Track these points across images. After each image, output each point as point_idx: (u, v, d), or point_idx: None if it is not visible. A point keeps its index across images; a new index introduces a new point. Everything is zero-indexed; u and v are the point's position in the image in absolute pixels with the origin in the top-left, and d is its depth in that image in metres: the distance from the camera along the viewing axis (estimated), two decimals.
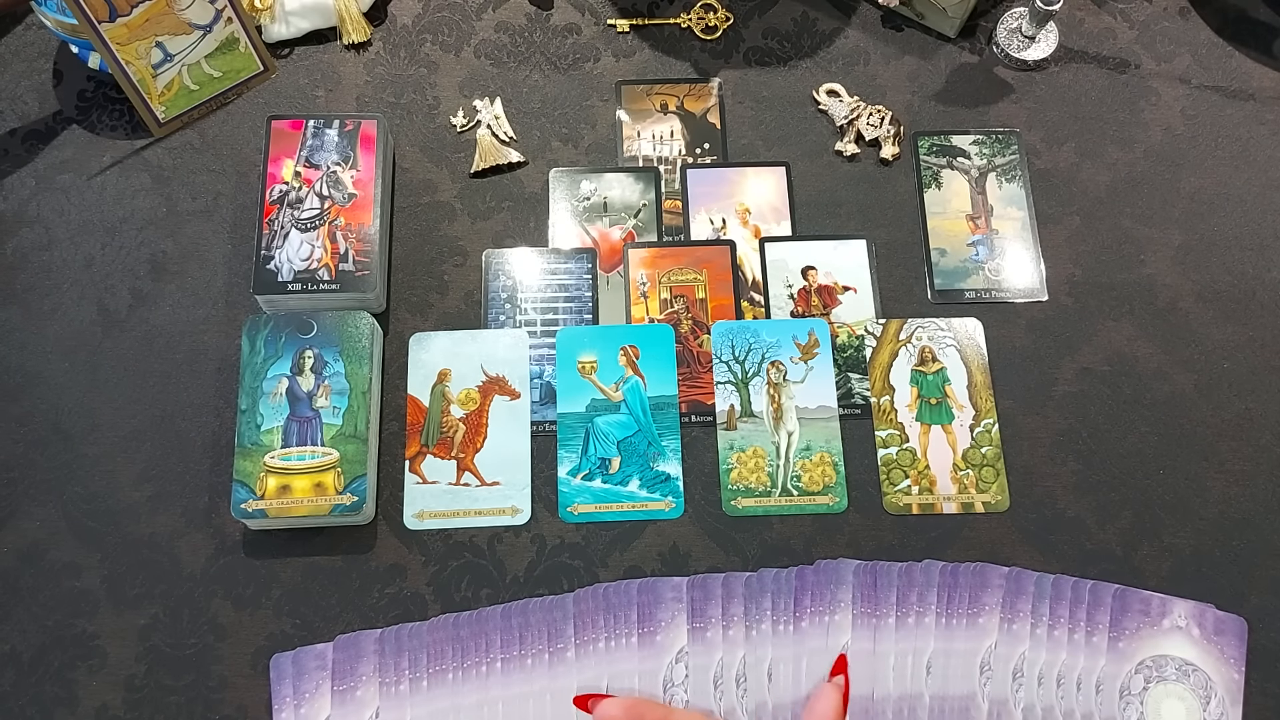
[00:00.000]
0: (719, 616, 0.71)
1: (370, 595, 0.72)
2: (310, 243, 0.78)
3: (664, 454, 0.77)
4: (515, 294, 0.81)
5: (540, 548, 0.74)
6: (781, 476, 0.76)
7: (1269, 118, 0.89)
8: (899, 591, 0.71)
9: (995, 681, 0.69)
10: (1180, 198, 0.86)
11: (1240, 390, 0.79)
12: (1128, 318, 0.81)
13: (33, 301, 0.80)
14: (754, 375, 0.79)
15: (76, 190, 0.84)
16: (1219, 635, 0.71)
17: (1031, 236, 0.84)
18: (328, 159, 0.80)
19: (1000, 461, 0.77)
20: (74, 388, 0.78)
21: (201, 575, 0.73)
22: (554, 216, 0.84)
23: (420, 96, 0.88)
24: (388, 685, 0.69)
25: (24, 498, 0.74)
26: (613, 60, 0.90)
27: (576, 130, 0.87)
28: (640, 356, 0.79)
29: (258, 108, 0.87)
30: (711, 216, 0.85)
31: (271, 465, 0.72)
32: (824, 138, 0.88)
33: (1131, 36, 0.92)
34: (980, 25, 0.92)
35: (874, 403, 0.78)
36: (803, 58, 0.90)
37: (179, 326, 0.80)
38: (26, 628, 0.71)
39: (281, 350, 0.75)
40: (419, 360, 0.79)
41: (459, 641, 0.70)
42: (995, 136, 0.87)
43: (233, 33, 0.85)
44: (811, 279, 0.82)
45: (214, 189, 0.84)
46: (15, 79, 0.88)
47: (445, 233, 0.83)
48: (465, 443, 0.77)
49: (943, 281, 0.83)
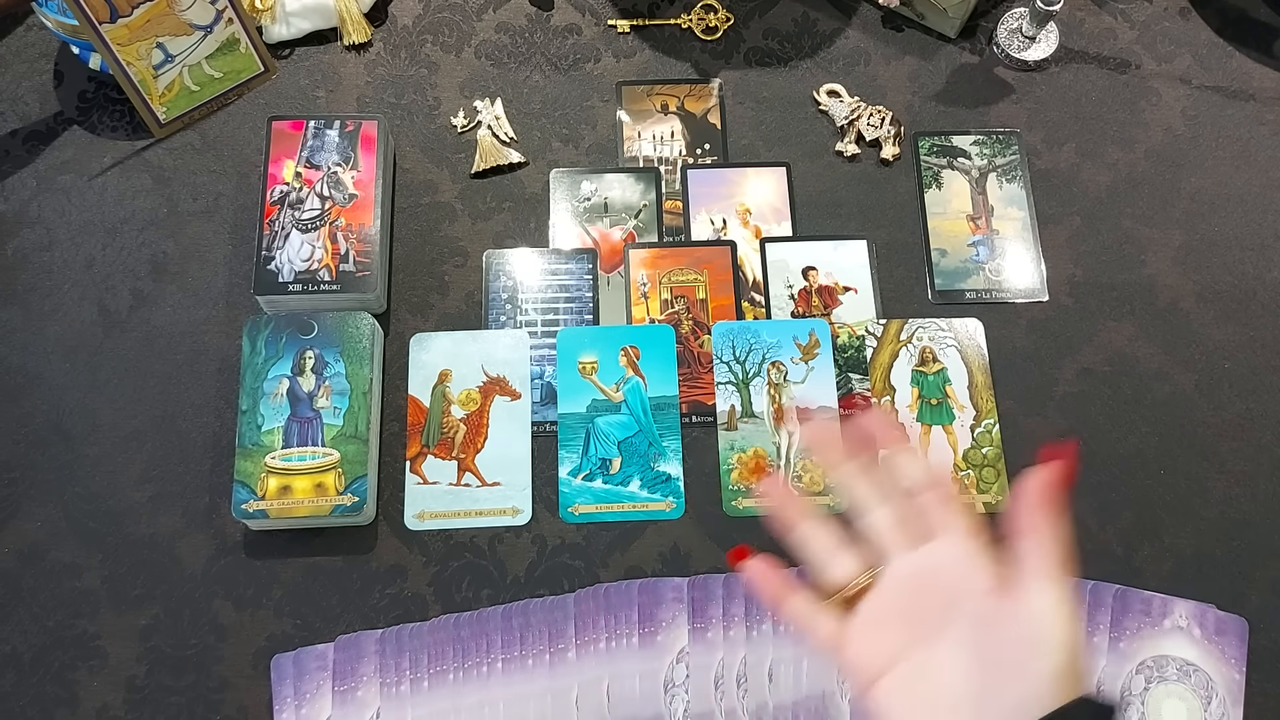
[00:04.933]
0: (720, 617, 0.71)
1: (371, 596, 0.72)
2: (311, 243, 0.78)
3: (665, 454, 0.77)
4: (516, 294, 0.81)
5: (541, 548, 0.74)
6: (782, 477, 0.76)
7: (1269, 118, 0.89)
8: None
9: None
10: (1181, 198, 0.86)
11: (1241, 390, 0.79)
12: (1128, 318, 0.81)
13: (34, 302, 0.80)
14: (755, 375, 0.79)
15: (77, 191, 0.84)
16: (1220, 635, 0.71)
17: (1032, 237, 0.84)
18: (328, 160, 0.80)
19: (1001, 462, 0.77)
20: (75, 388, 0.78)
21: (202, 576, 0.73)
22: (555, 217, 0.84)
23: (421, 97, 0.88)
24: (388, 686, 0.69)
25: (25, 498, 0.74)
26: (613, 61, 0.90)
27: (577, 131, 0.87)
28: (641, 357, 0.79)
29: (258, 108, 0.87)
30: (712, 217, 0.85)
31: (272, 466, 0.72)
32: (824, 138, 0.88)
33: (1132, 37, 0.92)
34: (980, 25, 0.92)
35: (875, 403, 0.78)
36: (803, 58, 0.90)
37: (180, 327, 0.80)
38: (27, 628, 0.71)
39: (282, 351, 0.75)
40: (420, 361, 0.79)
41: (460, 642, 0.70)
42: (996, 137, 0.87)
43: (233, 33, 0.85)
44: (812, 279, 0.82)
45: (215, 190, 0.84)
46: (16, 80, 0.88)
47: (446, 233, 0.83)
48: (466, 443, 0.77)
49: (943, 282, 0.83)
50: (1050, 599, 0.42)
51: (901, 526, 0.47)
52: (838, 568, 0.48)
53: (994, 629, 0.43)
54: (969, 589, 0.44)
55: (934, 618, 0.45)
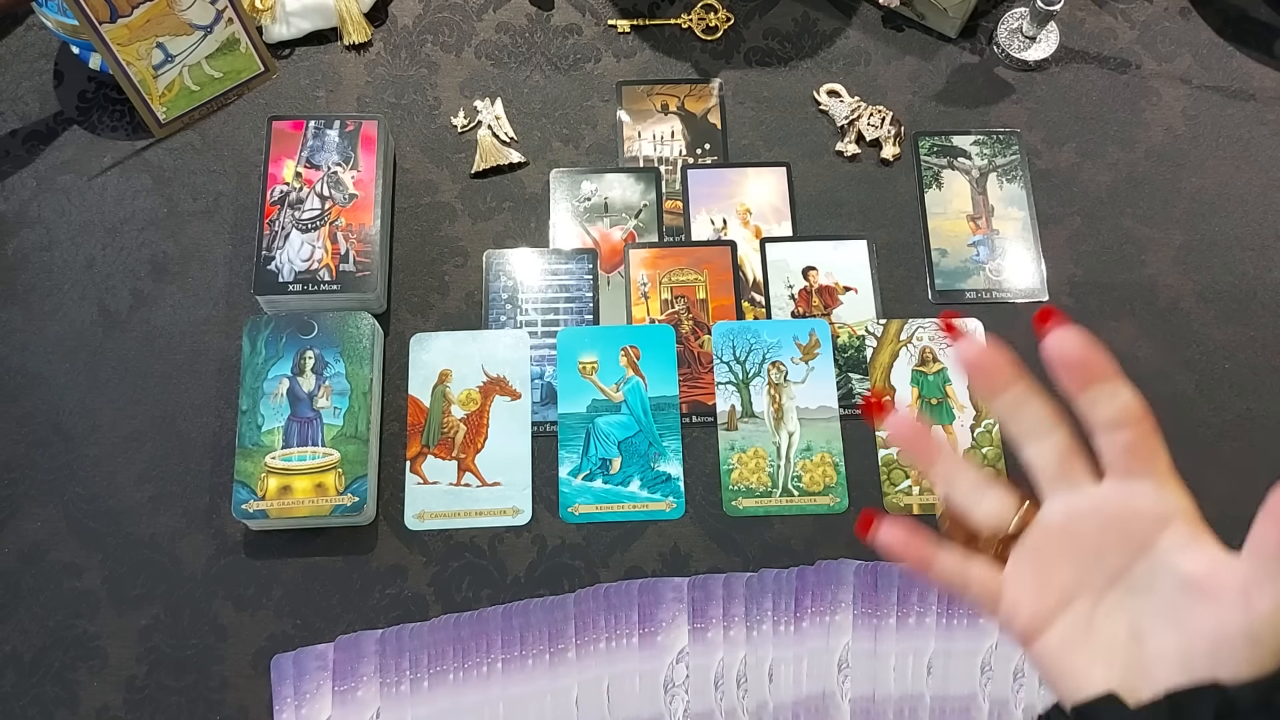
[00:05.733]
0: (720, 617, 0.71)
1: (371, 596, 0.72)
2: (311, 243, 0.78)
3: (665, 454, 0.77)
4: (516, 294, 0.81)
5: (541, 548, 0.74)
6: (782, 477, 0.76)
7: (1270, 118, 0.89)
8: (899, 592, 0.71)
9: (996, 682, 0.69)
10: (1181, 198, 0.86)
11: (1241, 390, 0.79)
12: (1129, 318, 0.81)
13: (34, 302, 0.80)
14: (755, 376, 0.79)
15: (77, 191, 0.84)
16: None
17: (1032, 237, 0.84)
18: (328, 159, 0.80)
19: (1001, 462, 0.77)
20: (75, 388, 0.78)
21: (202, 576, 0.73)
22: (555, 217, 0.84)
23: (421, 97, 0.88)
24: (389, 686, 0.69)
25: (25, 498, 0.74)
26: (613, 61, 0.90)
27: (577, 131, 0.87)
28: (641, 357, 0.79)
29: (258, 108, 0.87)
30: (712, 217, 0.85)
31: (272, 466, 0.72)
32: (825, 138, 0.88)
33: (1132, 37, 0.92)
34: (981, 25, 0.92)
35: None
36: (803, 58, 0.90)
37: (180, 327, 0.80)
38: (27, 628, 0.71)
39: (282, 351, 0.75)
40: (420, 361, 0.79)
41: (460, 642, 0.70)
42: (996, 137, 0.87)
43: (233, 33, 0.85)
44: (812, 279, 0.82)
45: (215, 190, 0.84)
46: (16, 80, 0.88)
47: (446, 233, 0.83)
48: (466, 443, 0.77)
49: (943, 282, 0.83)
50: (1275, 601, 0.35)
51: (1075, 459, 0.40)
52: (988, 504, 0.41)
53: (1205, 600, 0.37)
54: (1169, 538, 0.38)
55: (1114, 559, 0.39)
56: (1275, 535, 0.35)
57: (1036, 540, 0.41)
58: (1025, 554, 0.41)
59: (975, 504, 0.42)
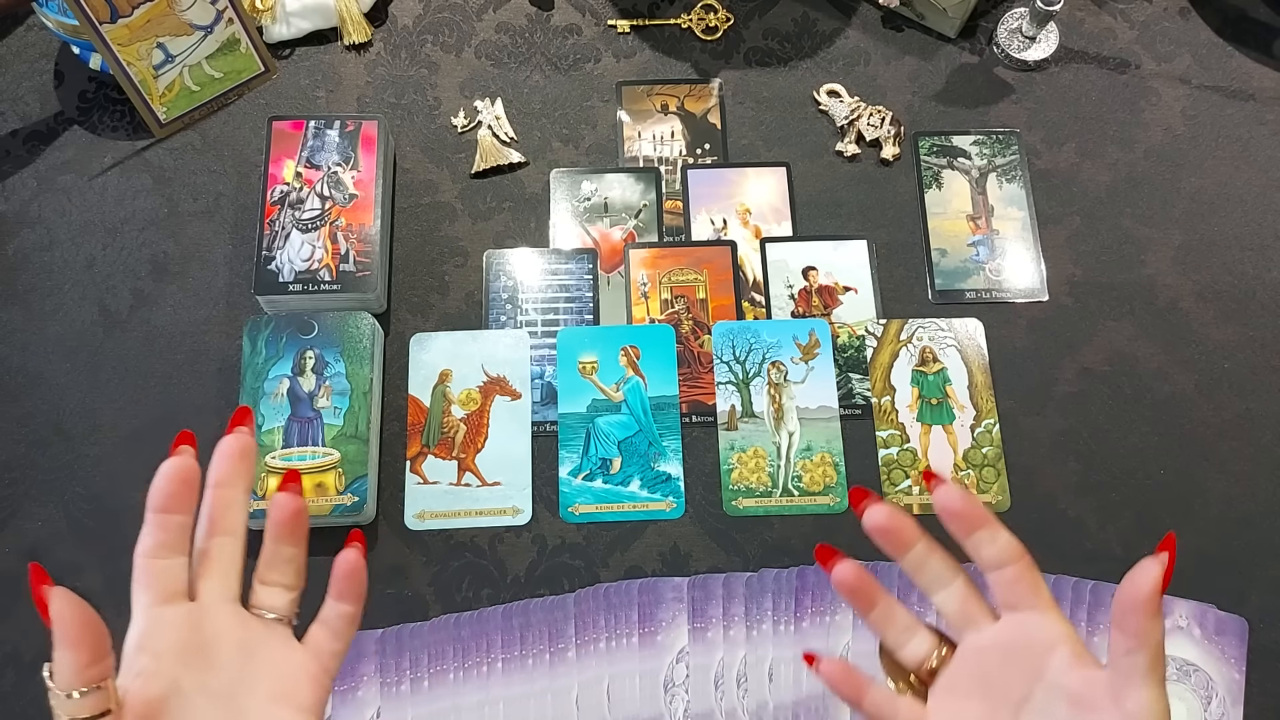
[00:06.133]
0: (720, 616, 0.71)
1: (371, 595, 0.72)
2: (311, 243, 0.78)
3: (665, 454, 0.77)
4: (516, 294, 0.81)
5: (541, 548, 0.74)
6: (782, 477, 0.76)
7: (1269, 118, 0.89)
8: (899, 592, 0.71)
9: None
10: (1180, 198, 0.86)
11: (1240, 390, 0.79)
12: (1128, 318, 0.81)
13: (34, 302, 0.80)
14: (755, 375, 0.79)
15: (78, 191, 0.84)
16: (1220, 635, 0.71)
17: (1032, 237, 0.84)
18: (329, 159, 0.80)
19: (1001, 462, 0.77)
20: (75, 388, 0.78)
21: None
22: (555, 217, 0.84)
23: (421, 97, 0.88)
24: (389, 685, 0.69)
25: (25, 498, 0.74)
26: (613, 61, 0.90)
27: (577, 131, 0.87)
28: (641, 357, 0.79)
29: (259, 108, 0.87)
30: (712, 217, 0.85)
31: (272, 465, 0.72)
32: (824, 138, 0.88)
33: (1132, 37, 0.92)
34: (980, 25, 0.92)
35: (875, 403, 0.78)
36: (803, 58, 0.91)
37: (180, 327, 0.80)
38: (27, 628, 0.71)
39: (283, 351, 0.75)
40: (420, 361, 0.79)
41: (460, 642, 0.70)
42: (996, 137, 0.87)
43: (234, 33, 0.85)
44: (812, 279, 0.82)
45: (215, 190, 0.84)
46: (16, 80, 0.88)
47: (446, 233, 0.83)
48: (466, 443, 0.77)
49: (943, 282, 0.83)
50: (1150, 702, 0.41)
51: (974, 602, 0.46)
52: (914, 645, 0.47)
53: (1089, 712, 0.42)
54: (1055, 662, 0.44)
55: (1016, 689, 0.44)
56: (1122, 641, 0.41)
57: (952, 678, 0.46)
58: (943, 692, 0.46)
59: (903, 645, 0.47)
